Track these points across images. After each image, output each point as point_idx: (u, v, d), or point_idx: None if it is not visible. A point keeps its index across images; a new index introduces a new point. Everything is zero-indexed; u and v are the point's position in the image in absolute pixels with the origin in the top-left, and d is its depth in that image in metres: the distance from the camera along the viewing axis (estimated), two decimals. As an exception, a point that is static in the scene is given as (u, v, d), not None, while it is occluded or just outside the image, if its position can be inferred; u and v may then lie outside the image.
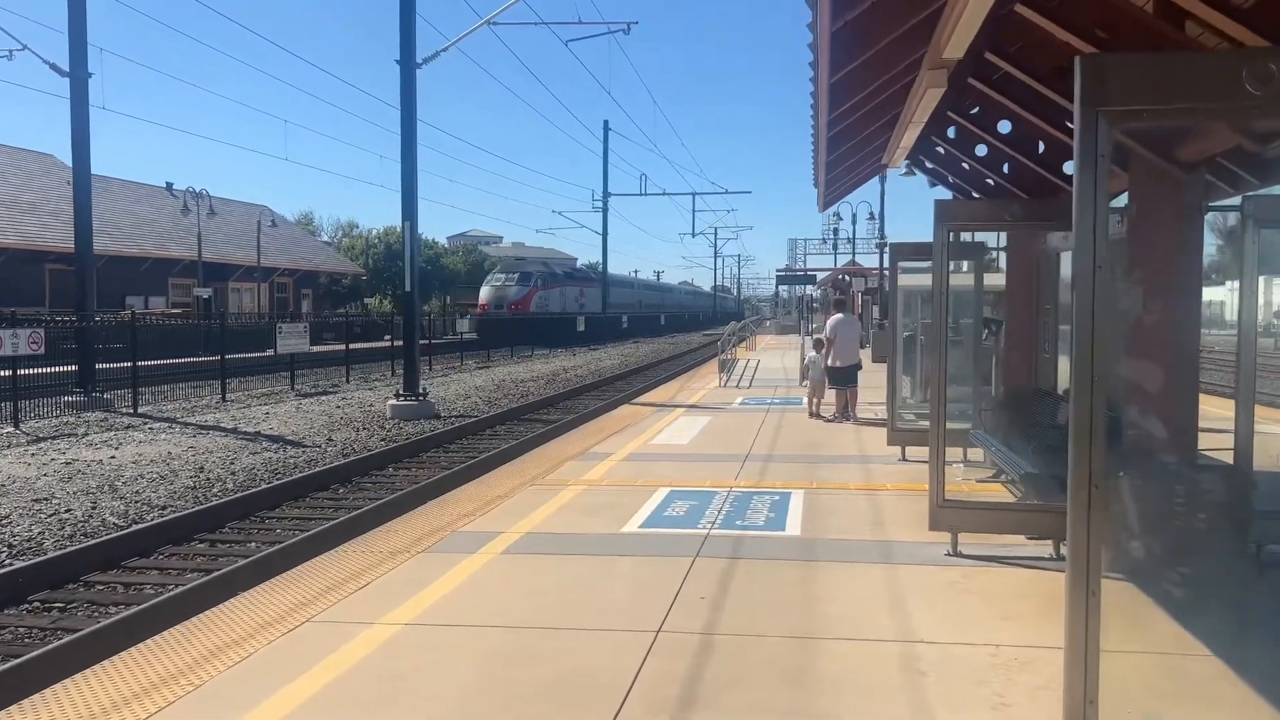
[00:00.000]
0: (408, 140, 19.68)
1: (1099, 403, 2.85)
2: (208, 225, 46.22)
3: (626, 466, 10.18)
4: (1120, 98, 2.72)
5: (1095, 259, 2.82)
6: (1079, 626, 2.93)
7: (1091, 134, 2.72)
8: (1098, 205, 2.80)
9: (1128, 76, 2.74)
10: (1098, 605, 2.88)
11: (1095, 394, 2.83)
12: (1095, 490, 2.82)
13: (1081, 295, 2.87)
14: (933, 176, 10.48)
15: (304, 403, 22.78)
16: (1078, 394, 2.88)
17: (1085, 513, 2.84)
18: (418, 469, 13.38)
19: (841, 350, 13.92)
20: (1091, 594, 2.87)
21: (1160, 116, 3.01)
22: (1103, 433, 2.86)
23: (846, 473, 9.69)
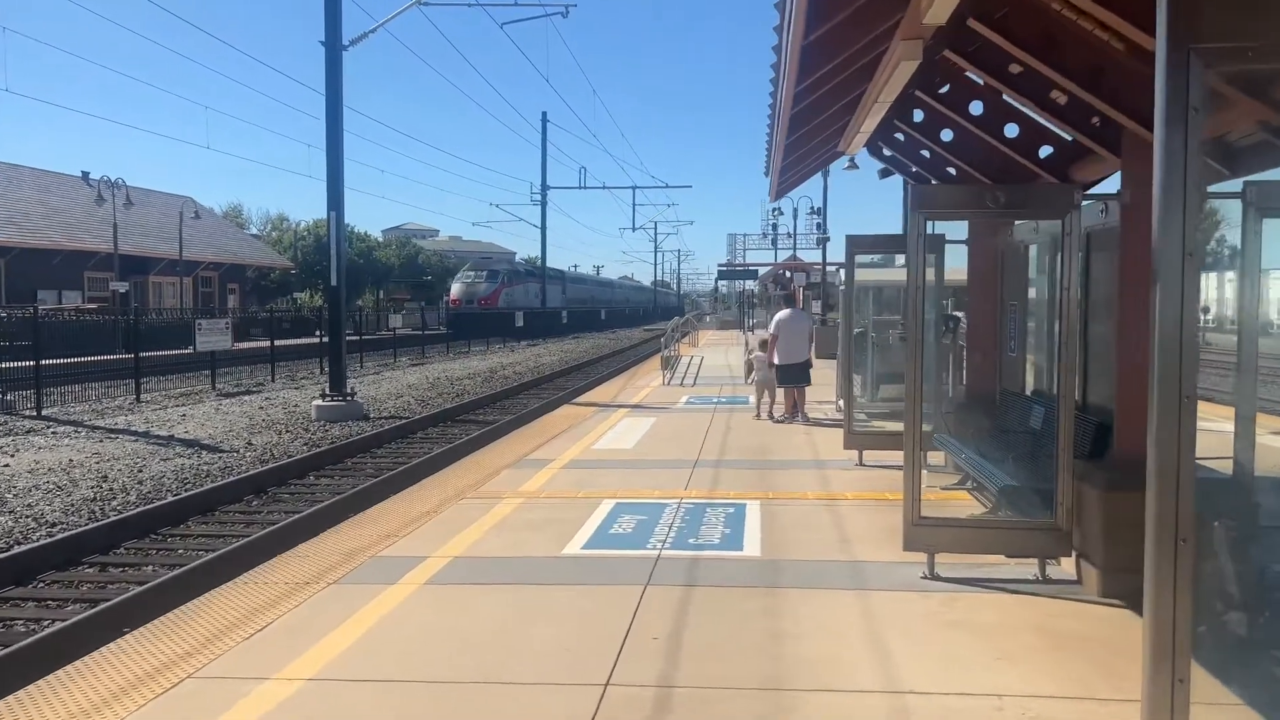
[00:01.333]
0: (333, 126, 18.62)
1: (1189, 428, 2.20)
2: (127, 216, 44.19)
3: (567, 475, 9.43)
4: (1222, 30, 2.07)
5: (1185, 245, 2.16)
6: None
7: (1181, 80, 2.07)
8: (1189, 176, 2.14)
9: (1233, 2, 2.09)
10: (1186, 699, 2.21)
11: (1184, 417, 2.18)
12: (1183, 545, 2.16)
13: (1168, 292, 2.21)
14: (890, 165, 9.90)
15: (224, 403, 21.57)
16: (1162, 414, 2.22)
17: (1170, 575, 2.19)
18: (341, 477, 12.45)
19: (789, 346, 13.33)
20: (1179, 682, 2.21)
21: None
22: (1192, 469, 2.21)
23: (803, 480, 9.06)
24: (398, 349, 38.18)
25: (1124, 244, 5.53)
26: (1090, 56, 5.18)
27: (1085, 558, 5.57)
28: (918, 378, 5.73)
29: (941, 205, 5.78)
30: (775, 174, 9.26)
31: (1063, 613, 5.15)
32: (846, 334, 9.85)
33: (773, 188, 10.23)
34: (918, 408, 5.74)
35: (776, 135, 7.17)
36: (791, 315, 13.60)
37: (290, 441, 15.77)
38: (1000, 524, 6.02)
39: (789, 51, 4.86)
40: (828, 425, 13.14)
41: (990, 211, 5.70)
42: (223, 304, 50.51)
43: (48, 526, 9.62)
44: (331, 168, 18.74)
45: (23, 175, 43.43)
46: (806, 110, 6.44)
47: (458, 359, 38.40)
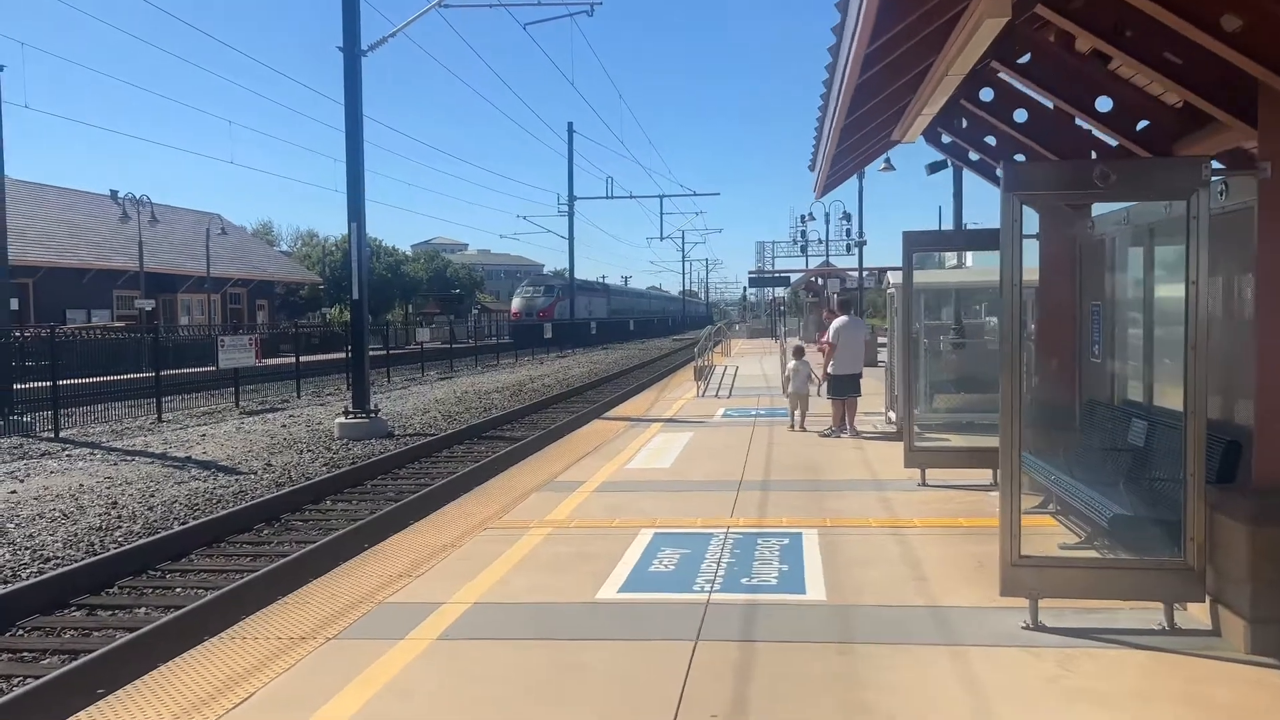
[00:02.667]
0: (352, 134, 17.97)
1: None
2: (155, 234, 44.09)
3: (600, 500, 8.59)
4: None
5: None
6: None
7: None
8: None
9: None
10: None
11: None
12: None
13: None
14: (948, 154, 9.01)
15: (247, 422, 20.96)
16: None
17: None
18: (359, 501, 11.69)
19: (846, 356, 12.43)
20: None
21: None
22: None
23: (862, 504, 8.16)
24: (425, 363, 37.59)
25: (1263, 229, 4.62)
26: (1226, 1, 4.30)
27: (1224, 604, 4.64)
28: (1016, 389, 4.84)
29: (1040, 185, 4.89)
30: (825, 165, 8.40)
31: (1208, 676, 4.22)
32: (905, 340, 8.95)
33: (819, 183, 9.37)
34: (1016, 424, 4.85)
35: (833, 118, 6.33)
36: (850, 323, 12.73)
37: (310, 462, 15.07)
38: (1119, 564, 5.09)
39: (866, 11, 4.03)
40: (879, 439, 12.21)
41: (1098, 192, 4.80)
42: (251, 320, 50.31)
43: (41, 561, 8.92)
44: (351, 177, 18.09)
45: (48, 195, 43.44)
46: (871, 81, 5.59)
47: (486, 372, 37.74)
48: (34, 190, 43.01)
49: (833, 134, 6.75)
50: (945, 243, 8.73)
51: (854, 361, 12.48)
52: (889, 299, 13.55)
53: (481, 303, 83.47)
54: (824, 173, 8.71)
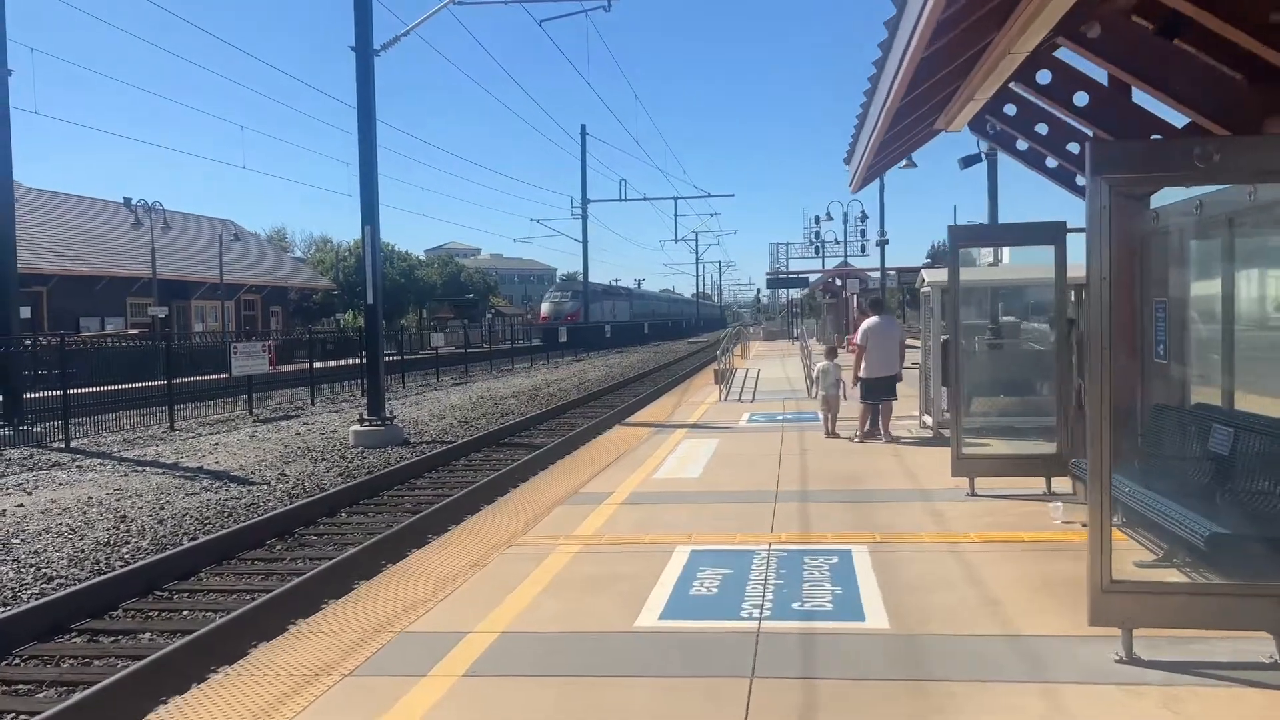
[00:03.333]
0: (365, 135, 17.57)
1: None
2: (168, 241, 43.90)
3: (630, 513, 8.11)
4: None
5: None
6: None
7: None
8: None
9: None
10: None
11: None
12: None
13: None
14: (995, 143, 8.51)
15: (260, 430, 20.59)
16: None
17: None
18: (375, 514, 11.23)
19: (879, 358, 11.91)
20: None
21: None
22: None
23: (910, 516, 7.65)
24: (440, 368, 37.21)
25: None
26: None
27: (1348, 636, 4.12)
28: (1107, 395, 4.33)
29: (1128, 166, 4.37)
30: (868, 154, 7.93)
31: (1342, 722, 3.72)
32: (954, 341, 8.43)
33: (857, 175, 8.88)
34: (1107, 433, 4.34)
35: (885, 100, 5.85)
36: (881, 323, 12.17)
37: (324, 472, 14.65)
38: (1228, 590, 4.57)
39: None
40: (915, 445, 11.69)
41: (1194, 174, 4.29)
42: (265, 327, 50.07)
43: (44, 581, 8.50)
44: (365, 179, 17.69)
45: (63, 202, 43.30)
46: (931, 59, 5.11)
47: (501, 377, 37.34)
48: (50, 198, 42.93)
49: (883, 118, 6.26)
50: (994, 237, 8.21)
51: (887, 364, 11.96)
52: (923, 298, 13.02)
53: (495, 307, 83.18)
54: (865, 163, 8.22)
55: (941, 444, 11.64)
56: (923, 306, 13.18)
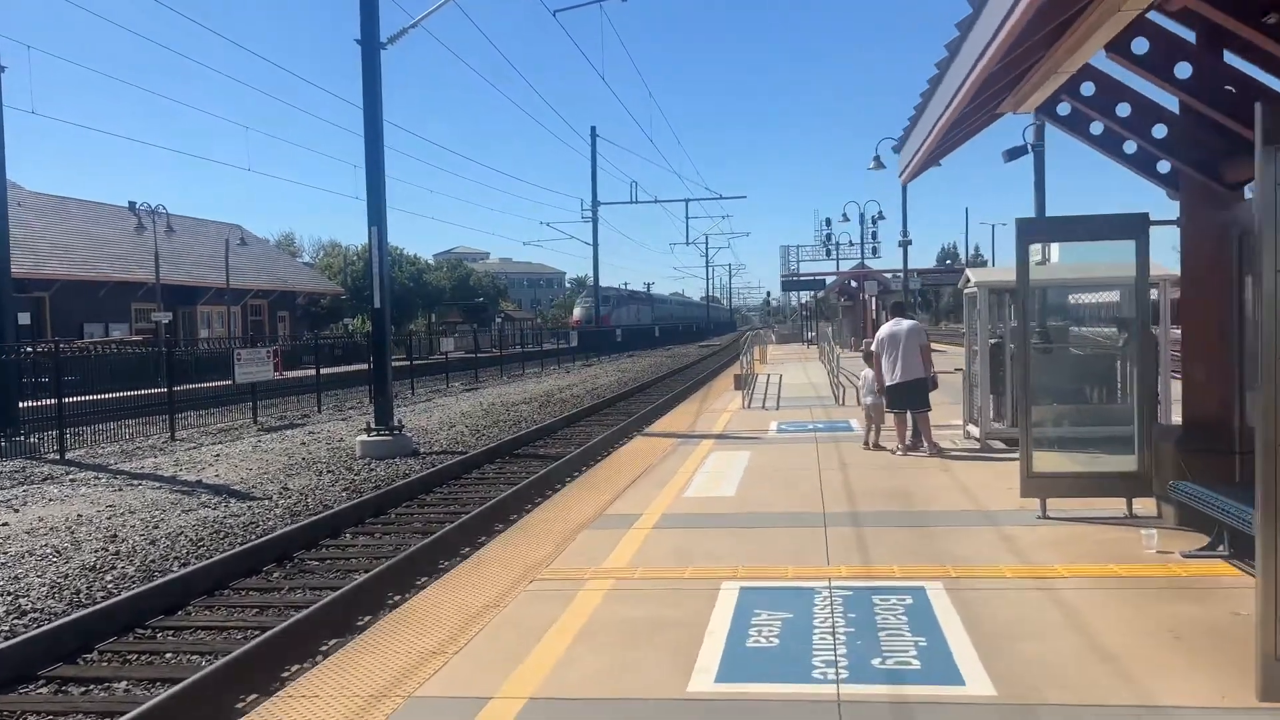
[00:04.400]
0: (371, 133, 16.80)
1: None
2: (175, 245, 43.29)
3: (664, 540, 7.29)
4: None
5: None
6: None
7: None
8: None
9: None
10: None
11: None
12: None
13: None
14: (1066, 126, 7.66)
15: (264, 439, 19.83)
16: None
17: None
18: (383, 535, 10.42)
19: (897, 363, 11.08)
20: None
21: None
22: None
23: (981, 544, 6.80)
24: (450, 373, 36.45)
25: None
26: None
27: None
28: (1277, 401, 3.49)
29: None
30: (933, 138, 7.12)
31: None
32: (1023, 346, 7.57)
33: (913, 164, 8.06)
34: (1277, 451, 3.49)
35: (973, 70, 5.03)
36: (896, 327, 11.30)
37: (329, 486, 13.86)
38: None
39: None
40: (965, 459, 10.84)
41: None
42: (273, 332, 49.42)
43: (17, 615, 7.71)
44: (371, 179, 16.92)
45: (68, 207, 42.72)
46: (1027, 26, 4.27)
47: (512, 383, 36.57)
48: (54, 203, 42.37)
49: (963, 93, 5.43)
50: (1066, 231, 7.37)
51: (907, 369, 11.10)
52: (967, 300, 12.17)
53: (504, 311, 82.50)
54: (926, 149, 7.41)
55: (992, 457, 10.81)
56: (967, 309, 12.33)
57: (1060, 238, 7.45)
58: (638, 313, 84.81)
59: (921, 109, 7.52)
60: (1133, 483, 7.39)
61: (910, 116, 8.02)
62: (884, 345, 11.23)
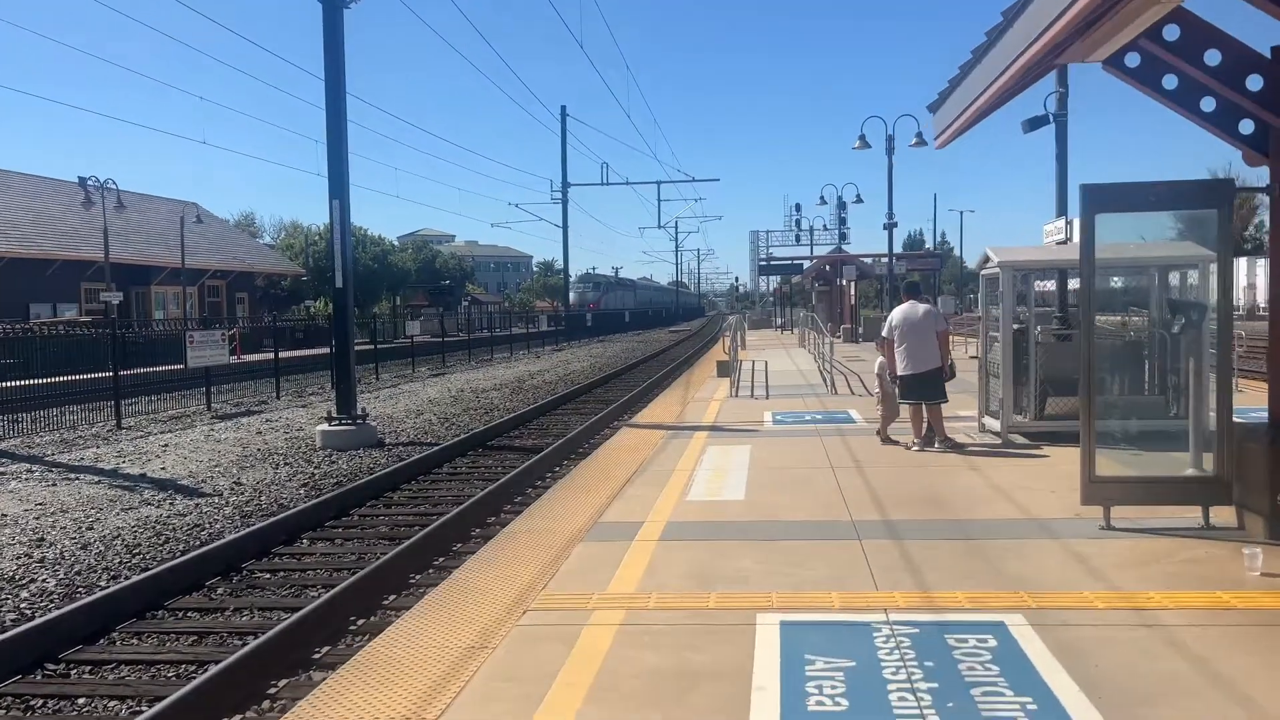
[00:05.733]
0: (333, 99, 15.51)
1: None
2: (127, 223, 41.48)
3: (675, 555, 6.24)
4: None
5: None
6: None
7: None
8: None
9: None
10: None
11: None
12: None
13: None
14: (1132, 79, 6.68)
15: (218, 428, 18.53)
16: None
17: None
18: (344, 542, 9.26)
19: (911, 351, 10.12)
20: None
21: None
22: None
23: (1049, 562, 5.83)
24: (416, 358, 35.13)
25: None
26: None
27: None
28: None
29: None
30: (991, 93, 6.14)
31: None
32: (1087, 329, 6.58)
33: (957, 123, 7.06)
34: None
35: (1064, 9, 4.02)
36: (911, 311, 10.32)
37: (286, 481, 12.67)
38: None
39: None
40: (986, 453, 9.91)
41: None
42: (231, 314, 47.73)
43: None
44: (333, 147, 15.64)
45: (11, 181, 40.71)
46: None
47: (481, 368, 35.34)
48: (-3, 176, 40.35)
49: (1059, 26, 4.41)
50: (1139, 199, 6.37)
51: (923, 358, 10.14)
52: (985, 282, 11.22)
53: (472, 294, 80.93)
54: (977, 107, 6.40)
55: (1017, 453, 9.88)
56: (984, 292, 11.38)
57: (1133, 206, 6.46)
58: (621, 298, 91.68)
59: (972, 64, 6.51)
60: (1211, 489, 6.46)
61: (953, 77, 7.02)
62: (898, 329, 10.26)
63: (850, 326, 33.74)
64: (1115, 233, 7.61)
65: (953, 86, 7.01)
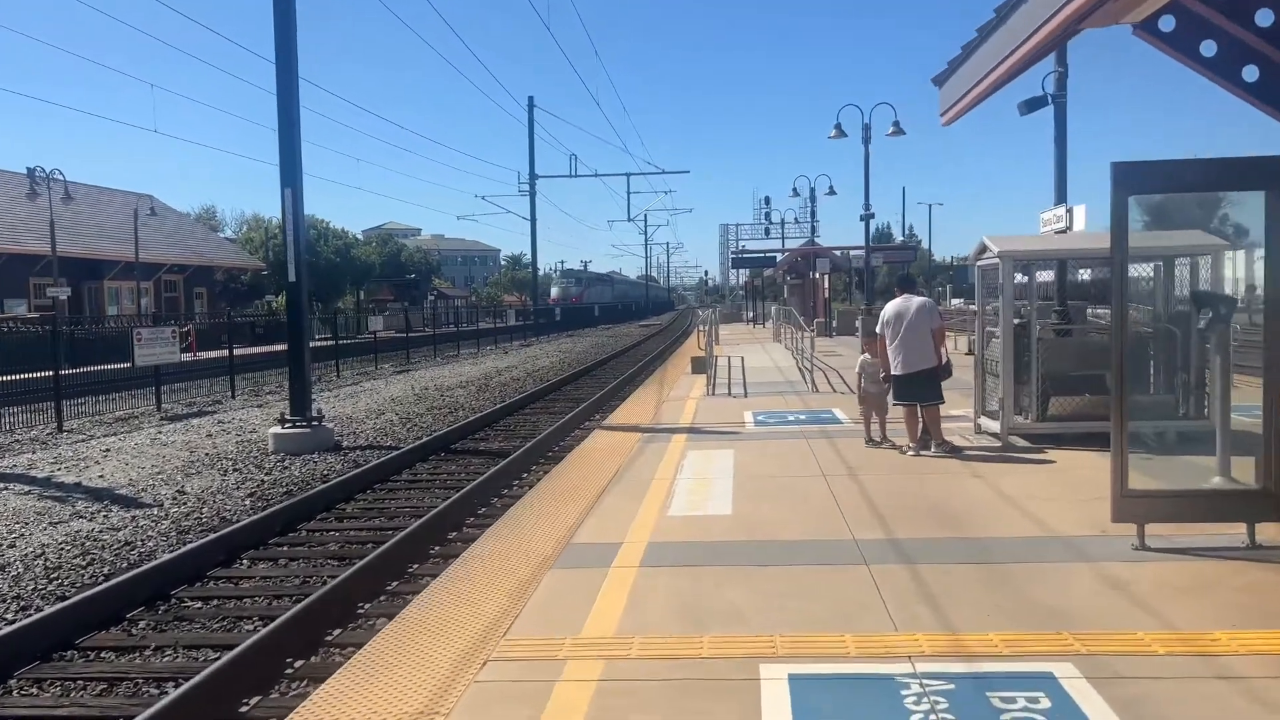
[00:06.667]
0: (285, 73, 14.52)
1: None
2: (79, 216, 40.04)
3: (659, 585, 5.46)
4: None
5: None
6: None
7: None
8: None
9: None
10: None
11: None
12: None
13: None
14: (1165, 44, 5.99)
15: (166, 430, 17.50)
16: None
17: None
18: (289, 563, 8.35)
19: (905, 348, 9.42)
20: None
21: None
22: None
23: (1087, 593, 5.11)
24: (379, 354, 34.08)
25: None
26: None
27: None
28: None
29: None
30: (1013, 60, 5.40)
31: None
32: (1120, 323, 5.86)
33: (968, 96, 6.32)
34: None
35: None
36: (904, 306, 9.59)
37: (233, 489, 11.75)
38: None
39: None
40: (987, 458, 9.22)
41: None
42: (189, 309, 46.29)
43: None
44: (284, 130, 14.66)
45: (-46, 171, 39.06)
46: None
47: (447, 364, 34.35)
48: (-63, 167, 38.61)
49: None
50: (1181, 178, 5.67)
51: (917, 356, 9.44)
52: (980, 274, 10.54)
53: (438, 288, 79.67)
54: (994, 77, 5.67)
55: (1021, 458, 9.20)
56: (979, 283, 10.70)
57: (1170, 187, 5.78)
58: (601, 292, 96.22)
59: (991, 28, 5.77)
60: (1257, 504, 5.79)
61: (967, 43, 6.29)
62: (890, 325, 9.54)
63: (824, 320, 33.14)
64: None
65: (965, 55, 6.28)
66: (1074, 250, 10.21)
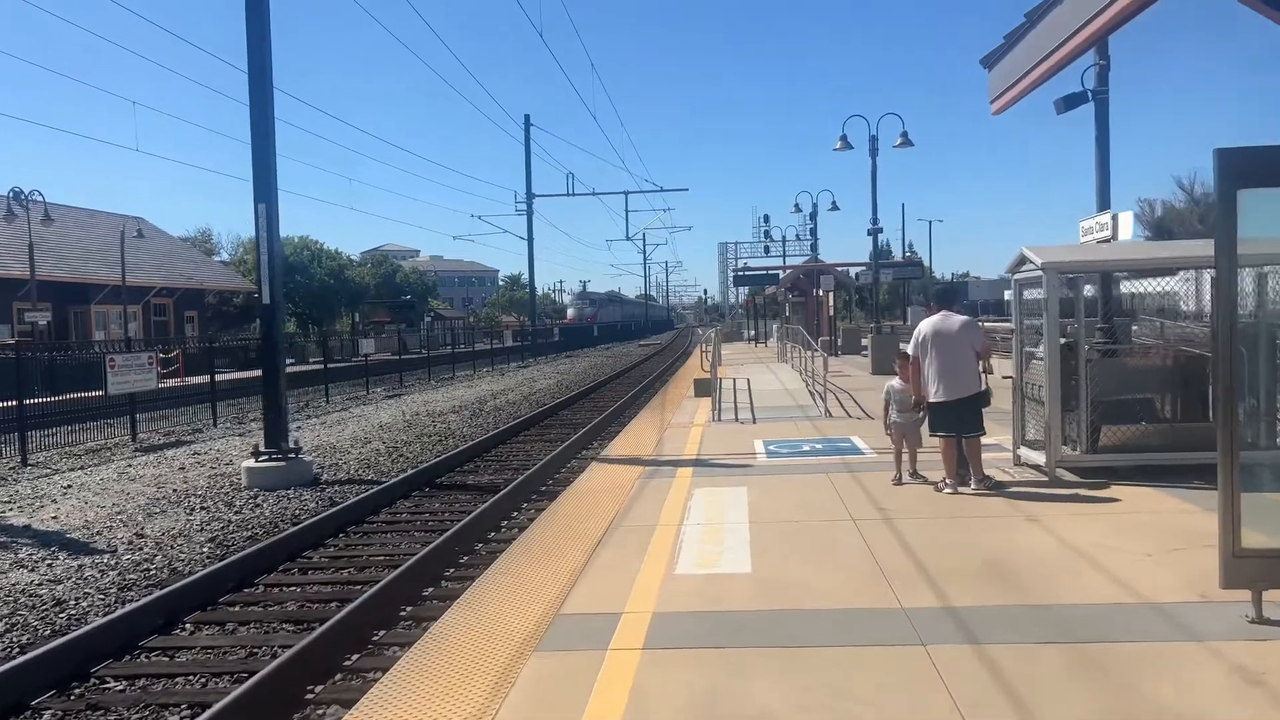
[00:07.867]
0: (257, 78, 13.53)
1: None
2: (62, 238, 39.16)
3: (669, 680, 4.38)
4: None
5: None
6: None
7: None
8: None
9: None
10: None
11: None
12: None
13: None
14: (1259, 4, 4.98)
15: (138, 462, 16.43)
16: None
17: None
18: (240, 628, 7.22)
19: (944, 372, 8.32)
20: None
21: None
22: None
23: (1212, 693, 4.04)
24: (371, 377, 33.00)
25: None
26: None
27: None
28: None
29: None
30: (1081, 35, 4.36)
31: None
32: (1228, 349, 4.81)
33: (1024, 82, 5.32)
34: None
35: None
36: (944, 324, 8.49)
37: (195, 532, 10.67)
38: None
39: None
40: (1036, 496, 8.12)
41: None
42: (180, 333, 45.28)
43: None
44: (258, 141, 13.67)
45: (-64, 194, 38.07)
46: None
47: (441, 387, 33.27)
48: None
49: None
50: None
51: (963, 381, 8.34)
52: (1015, 286, 9.49)
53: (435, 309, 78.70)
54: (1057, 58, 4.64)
55: (1077, 496, 8.11)
56: (1015, 300, 9.64)
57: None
58: (612, 312, 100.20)
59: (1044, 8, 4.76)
60: None
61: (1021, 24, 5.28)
62: (927, 346, 8.44)
63: (829, 339, 32.09)
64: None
65: (1026, 28, 5.25)
66: (1129, 261, 9.16)
